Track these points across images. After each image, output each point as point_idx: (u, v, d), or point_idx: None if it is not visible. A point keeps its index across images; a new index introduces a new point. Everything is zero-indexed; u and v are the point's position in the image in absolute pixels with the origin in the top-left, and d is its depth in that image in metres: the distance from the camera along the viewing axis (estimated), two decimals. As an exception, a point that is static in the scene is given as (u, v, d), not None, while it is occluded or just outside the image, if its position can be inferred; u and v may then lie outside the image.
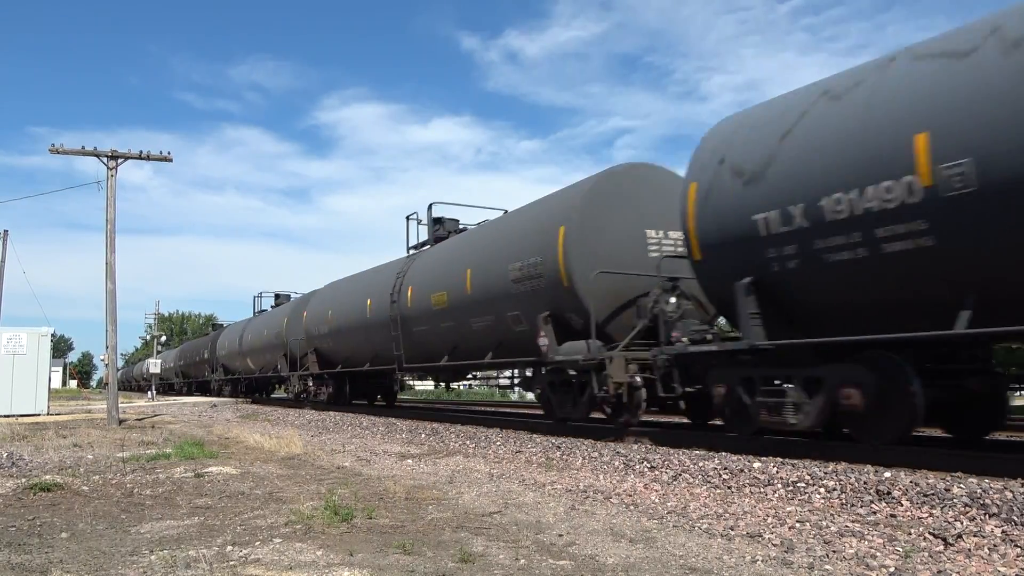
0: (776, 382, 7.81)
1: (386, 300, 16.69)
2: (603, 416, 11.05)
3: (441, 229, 16.97)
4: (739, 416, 8.35)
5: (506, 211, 15.03)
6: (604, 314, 10.36)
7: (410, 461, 8.63)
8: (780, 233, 7.38)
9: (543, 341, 11.02)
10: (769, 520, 4.94)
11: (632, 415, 10.03)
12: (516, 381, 15.38)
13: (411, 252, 17.88)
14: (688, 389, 9.15)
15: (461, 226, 16.91)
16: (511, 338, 12.30)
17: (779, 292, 7.67)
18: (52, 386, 23.65)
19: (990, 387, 7.43)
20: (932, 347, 7.16)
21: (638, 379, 9.72)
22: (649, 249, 10.68)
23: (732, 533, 4.57)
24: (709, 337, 9.03)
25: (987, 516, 4.71)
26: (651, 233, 10.79)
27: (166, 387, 52.69)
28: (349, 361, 20.07)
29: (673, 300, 9.67)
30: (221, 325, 45.74)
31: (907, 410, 6.75)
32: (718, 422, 10.02)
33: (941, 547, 4.13)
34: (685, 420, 11.66)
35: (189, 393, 45.76)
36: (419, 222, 17.65)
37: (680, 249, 10.20)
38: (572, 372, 10.91)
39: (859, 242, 6.70)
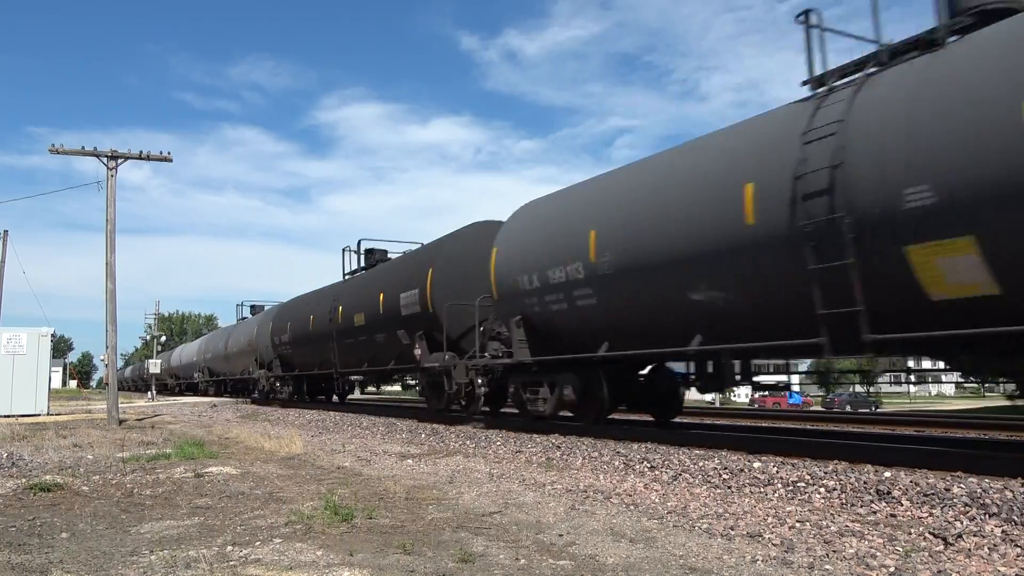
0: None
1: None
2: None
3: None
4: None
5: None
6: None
7: (410, 461, 8.63)
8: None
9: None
10: (769, 520, 4.94)
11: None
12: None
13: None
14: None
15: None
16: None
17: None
18: (52, 386, 23.61)
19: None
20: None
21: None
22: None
23: (732, 533, 4.57)
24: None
25: (987, 516, 4.71)
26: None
27: (182, 387, 48.37)
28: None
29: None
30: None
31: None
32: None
33: (941, 547, 4.13)
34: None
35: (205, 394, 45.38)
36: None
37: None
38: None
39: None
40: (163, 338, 71.19)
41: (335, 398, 25.35)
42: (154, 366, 41.32)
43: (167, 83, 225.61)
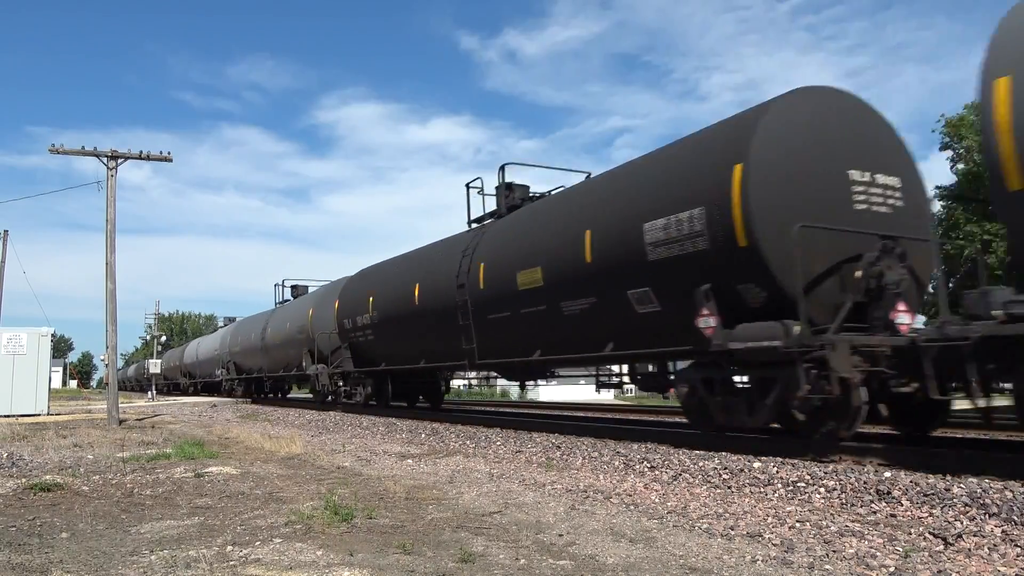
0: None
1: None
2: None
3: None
4: None
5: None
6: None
7: (410, 461, 8.63)
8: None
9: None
10: (769, 520, 4.94)
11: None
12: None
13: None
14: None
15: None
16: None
17: None
18: (52, 386, 23.62)
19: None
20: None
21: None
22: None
23: (732, 533, 4.58)
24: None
25: (987, 516, 4.71)
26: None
27: (199, 387, 42.25)
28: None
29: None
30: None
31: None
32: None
33: (941, 547, 4.13)
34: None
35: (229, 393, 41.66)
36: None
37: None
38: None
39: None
40: (163, 338, 71.20)
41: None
42: (154, 366, 41.33)
43: (166, 83, 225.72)
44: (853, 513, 5.15)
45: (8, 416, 18.44)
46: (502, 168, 14.46)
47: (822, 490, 5.80)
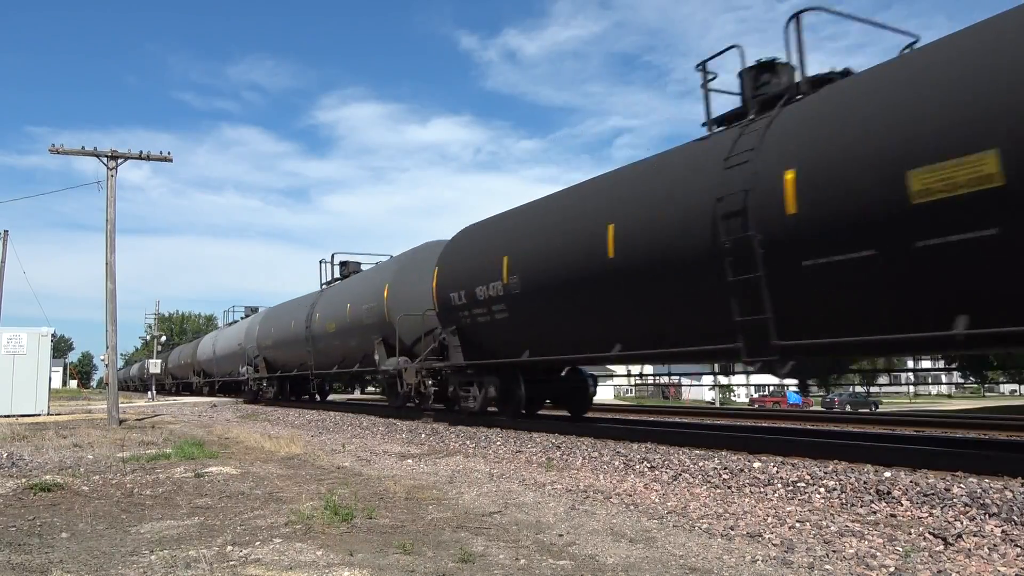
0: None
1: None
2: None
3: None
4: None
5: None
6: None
7: (410, 461, 8.62)
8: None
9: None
10: (769, 520, 4.94)
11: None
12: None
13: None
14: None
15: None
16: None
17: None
18: (52, 386, 23.62)
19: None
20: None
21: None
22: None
23: (732, 533, 4.57)
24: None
25: (987, 516, 4.71)
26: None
27: (215, 387, 38.18)
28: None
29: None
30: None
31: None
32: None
33: (941, 547, 4.13)
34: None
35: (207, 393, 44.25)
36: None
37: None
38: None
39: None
40: (163, 338, 71.12)
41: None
42: (154, 366, 41.23)
43: (166, 83, 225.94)
44: (853, 513, 5.15)
45: (8, 416, 18.44)
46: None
47: (822, 490, 5.80)
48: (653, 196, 8.96)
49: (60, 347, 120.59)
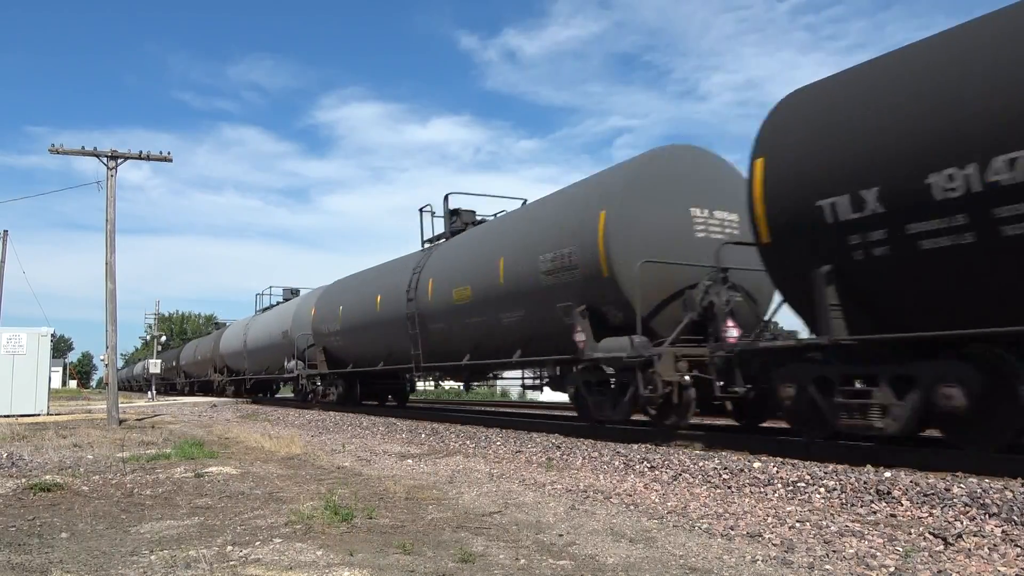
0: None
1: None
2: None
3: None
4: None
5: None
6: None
7: (410, 461, 8.63)
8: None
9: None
10: (769, 520, 4.94)
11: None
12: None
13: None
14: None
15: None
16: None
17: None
18: (52, 386, 23.63)
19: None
20: None
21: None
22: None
23: (732, 533, 4.58)
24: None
25: (987, 516, 4.71)
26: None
27: (247, 386, 33.39)
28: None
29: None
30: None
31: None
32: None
33: (941, 547, 4.13)
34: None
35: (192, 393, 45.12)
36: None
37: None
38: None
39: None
40: (163, 338, 71.05)
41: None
42: (154, 366, 41.18)
43: (166, 83, 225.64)
44: (853, 513, 5.15)
45: (8, 416, 18.43)
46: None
47: (822, 490, 5.80)
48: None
49: (60, 347, 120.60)
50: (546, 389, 13.36)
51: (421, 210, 17.21)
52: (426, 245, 17.18)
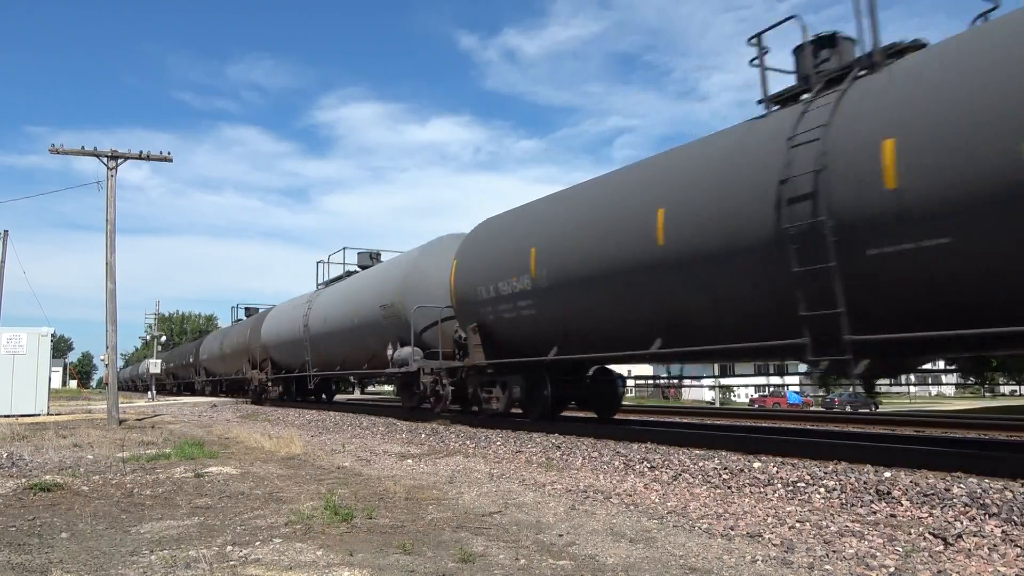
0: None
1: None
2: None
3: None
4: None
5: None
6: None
7: (410, 461, 8.62)
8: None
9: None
10: (769, 520, 4.94)
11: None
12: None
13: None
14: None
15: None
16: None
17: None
18: (52, 386, 23.62)
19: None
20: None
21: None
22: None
23: (732, 533, 4.57)
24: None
25: (987, 516, 4.71)
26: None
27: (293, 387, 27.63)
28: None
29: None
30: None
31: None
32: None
33: (941, 547, 4.13)
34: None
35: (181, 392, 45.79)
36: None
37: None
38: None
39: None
40: (163, 338, 71.01)
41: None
42: (154, 366, 41.18)
43: (166, 82, 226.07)
44: (853, 513, 5.15)
45: (8, 416, 18.43)
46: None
47: (822, 490, 5.80)
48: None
49: (60, 347, 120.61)
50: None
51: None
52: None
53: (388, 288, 16.70)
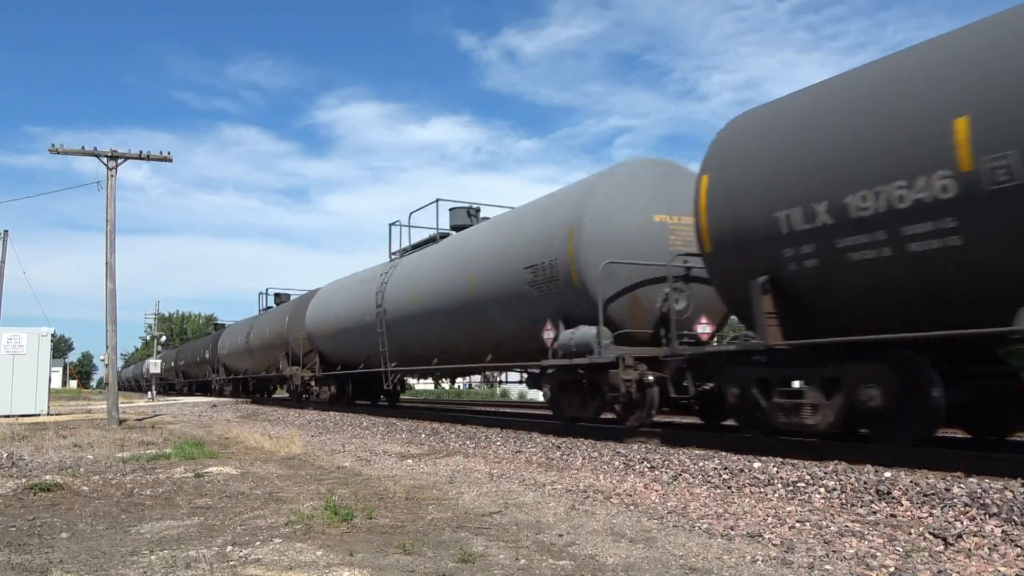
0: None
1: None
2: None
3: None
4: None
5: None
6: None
7: (410, 461, 8.63)
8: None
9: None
10: (769, 520, 4.94)
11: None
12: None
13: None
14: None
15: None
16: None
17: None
18: (52, 386, 23.63)
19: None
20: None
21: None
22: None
23: (732, 533, 4.57)
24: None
25: (987, 516, 4.71)
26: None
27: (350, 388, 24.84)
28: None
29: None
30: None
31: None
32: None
33: (941, 547, 4.13)
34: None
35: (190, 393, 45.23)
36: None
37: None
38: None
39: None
40: (163, 338, 70.99)
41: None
42: (154, 366, 41.19)
43: (165, 82, 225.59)
44: (853, 513, 5.15)
45: (8, 416, 18.44)
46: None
47: (822, 490, 5.80)
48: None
49: (60, 347, 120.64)
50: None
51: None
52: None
53: (541, 240, 11.42)
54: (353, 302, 19.00)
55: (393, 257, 18.32)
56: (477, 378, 27.30)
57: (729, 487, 6.32)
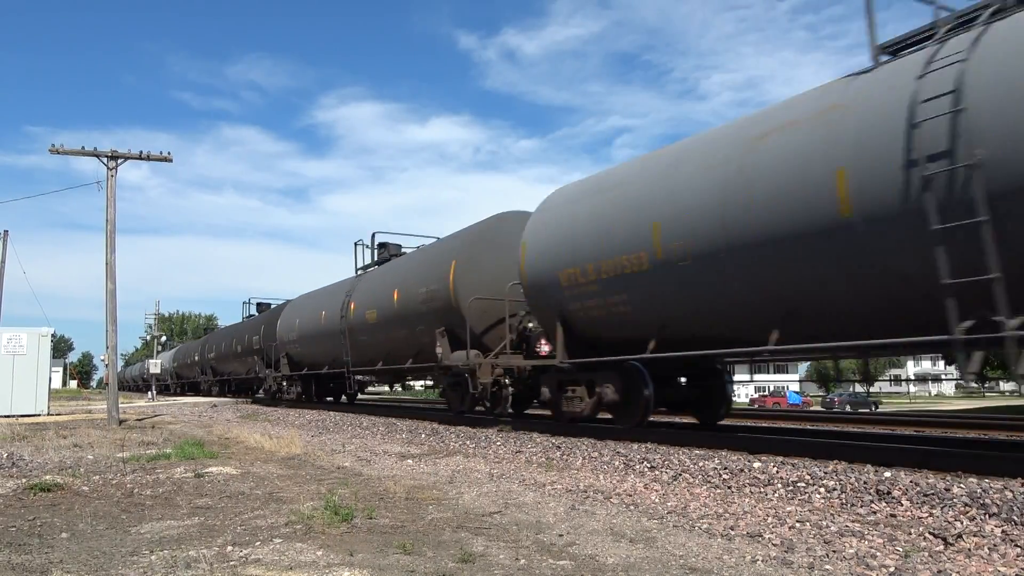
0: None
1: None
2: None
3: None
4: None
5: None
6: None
7: (410, 461, 8.63)
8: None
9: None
10: (769, 520, 4.94)
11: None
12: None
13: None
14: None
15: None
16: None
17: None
18: (52, 386, 23.63)
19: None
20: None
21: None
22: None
23: (732, 533, 4.58)
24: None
25: (987, 516, 4.71)
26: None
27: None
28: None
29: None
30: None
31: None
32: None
33: (941, 547, 4.13)
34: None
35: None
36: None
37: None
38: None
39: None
40: (163, 338, 70.98)
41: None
42: (154, 366, 41.19)
43: (165, 82, 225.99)
44: (853, 513, 5.15)
45: (8, 416, 18.44)
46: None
47: (822, 490, 5.80)
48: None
49: (60, 347, 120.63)
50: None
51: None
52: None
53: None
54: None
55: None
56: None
57: (729, 487, 6.32)
